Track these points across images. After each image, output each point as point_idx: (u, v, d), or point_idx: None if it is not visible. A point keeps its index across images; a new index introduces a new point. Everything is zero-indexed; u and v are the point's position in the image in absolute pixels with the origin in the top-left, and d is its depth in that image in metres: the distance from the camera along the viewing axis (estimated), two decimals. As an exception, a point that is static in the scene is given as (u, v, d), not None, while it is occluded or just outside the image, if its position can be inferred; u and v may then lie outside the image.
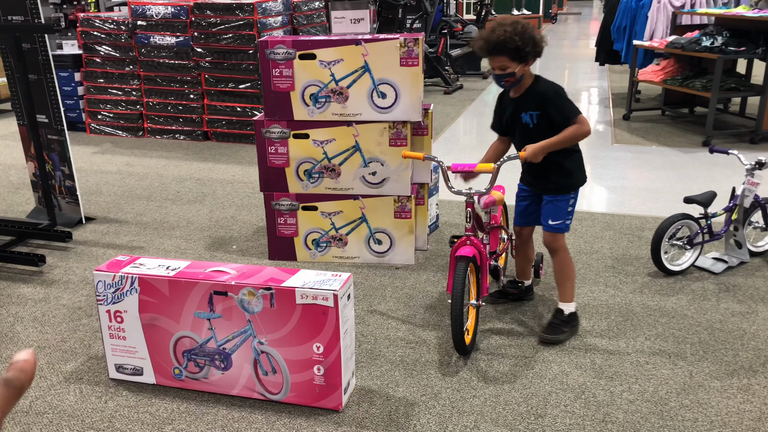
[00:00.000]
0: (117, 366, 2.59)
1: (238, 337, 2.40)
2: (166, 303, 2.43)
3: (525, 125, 2.75)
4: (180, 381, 2.53)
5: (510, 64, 2.62)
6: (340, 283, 2.30)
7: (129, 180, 5.18)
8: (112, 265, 2.51)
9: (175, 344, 2.48)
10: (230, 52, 6.03)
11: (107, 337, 2.55)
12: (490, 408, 2.41)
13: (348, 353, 2.40)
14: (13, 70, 4.08)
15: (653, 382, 2.55)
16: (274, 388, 2.43)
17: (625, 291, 3.27)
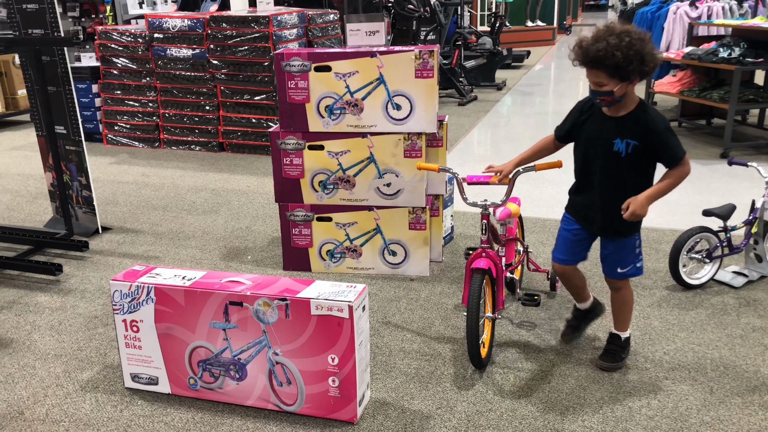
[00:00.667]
0: (132, 375, 2.59)
1: (253, 348, 2.39)
2: (182, 313, 2.43)
3: (616, 153, 2.39)
4: (195, 391, 2.53)
5: (608, 81, 2.27)
6: (355, 295, 2.29)
7: (145, 190, 5.22)
8: (128, 274, 2.52)
9: (191, 354, 2.48)
10: (246, 64, 6.08)
11: (123, 347, 2.56)
12: (507, 422, 2.39)
13: (363, 365, 2.39)
14: (33, 82, 4.14)
15: (672, 398, 2.51)
16: (289, 399, 2.42)
17: (643, 305, 3.23)
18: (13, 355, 2.88)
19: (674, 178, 2.38)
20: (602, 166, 2.46)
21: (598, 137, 2.44)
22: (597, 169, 2.48)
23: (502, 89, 9.97)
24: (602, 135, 2.42)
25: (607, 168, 2.45)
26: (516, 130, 7.20)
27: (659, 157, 2.39)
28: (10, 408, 2.52)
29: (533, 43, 15.68)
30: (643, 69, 2.25)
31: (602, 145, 2.43)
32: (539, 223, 4.35)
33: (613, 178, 2.46)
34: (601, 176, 2.48)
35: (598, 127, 2.44)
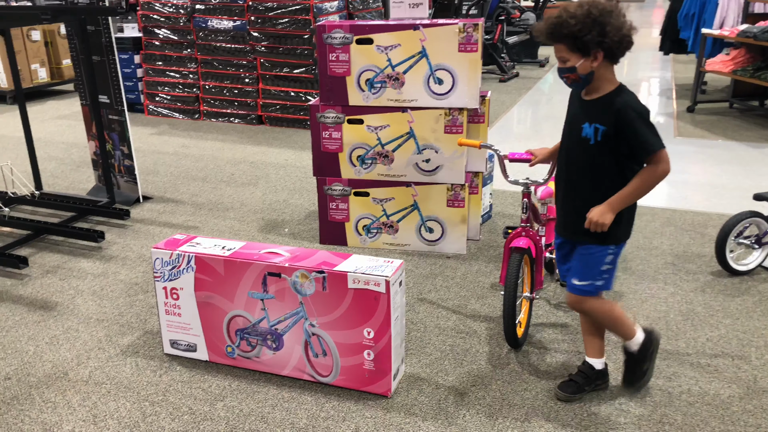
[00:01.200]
0: (172, 342, 2.64)
1: (290, 319, 2.41)
2: (221, 282, 2.46)
3: (583, 140, 2.12)
4: (232, 359, 2.57)
5: (570, 55, 2.04)
6: (392, 270, 2.28)
7: (185, 161, 5.28)
8: (169, 243, 2.56)
9: (229, 323, 2.51)
10: (286, 37, 6.06)
11: (163, 313, 2.60)
12: (542, 402, 2.36)
13: (398, 340, 2.39)
14: (78, 51, 4.19)
15: (714, 385, 2.45)
16: (324, 371, 2.44)
17: (686, 289, 3.15)
18: (57, 318, 2.96)
19: (644, 177, 2.05)
20: (570, 152, 2.18)
21: (571, 122, 2.18)
22: (566, 155, 2.21)
23: (545, 66, 9.75)
24: (575, 119, 2.16)
25: (575, 157, 2.17)
26: (557, 109, 7.05)
27: (631, 149, 2.06)
28: (55, 368, 2.59)
29: (577, 20, 15.22)
30: (603, 41, 1.99)
31: (574, 131, 2.15)
32: (580, 203, 4.26)
33: (580, 170, 2.16)
34: (568, 166, 2.20)
35: (573, 110, 2.19)
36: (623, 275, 3.28)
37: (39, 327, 2.88)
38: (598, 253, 2.18)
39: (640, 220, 3.96)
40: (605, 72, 2.09)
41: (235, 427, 2.25)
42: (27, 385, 2.49)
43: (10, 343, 2.76)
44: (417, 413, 2.31)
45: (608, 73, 2.10)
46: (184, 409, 2.35)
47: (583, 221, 2.12)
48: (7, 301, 3.11)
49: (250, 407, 2.35)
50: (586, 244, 2.19)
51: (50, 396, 2.43)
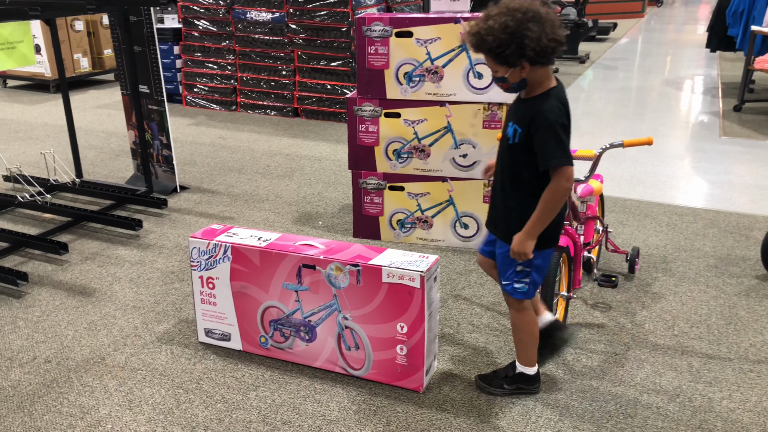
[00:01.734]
0: (206, 330, 2.67)
1: (323, 311, 2.41)
2: (257, 273, 2.47)
3: (506, 138, 2.11)
4: (265, 349, 2.58)
5: (497, 67, 1.99)
6: (428, 265, 2.26)
7: (222, 152, 5.33)
8: (206, 233, 2.58)
9: (263, 313, 2.52)
10: (324, 30, 6.06)
11: (198, 302, 2.63)
12: (576, 402, 2.32)
13: (432, 336, 2.37)
14: (120, 41, 4.26)
15: (757, 392, 2.37)
16: (357, 364, 2.43)
17: (729, 293, 3.06)
18: (96, 303, 3.01)
19: (546, 196, 2.01)
20: (500, 150, 2.17)
21: (506, 120, 2.17)
22: (499, 157, 2.19)
23: (585, 62, 9.59)
24: (507, 116, 2.16)
25: (501, 153, 2.15)
26: (597, 106, 6.92)
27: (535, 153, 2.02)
28: (93, 353, 2.64)
29: (621, 15, 14.98)
30: (524, 53, 1.91)
31: (504, 130, 2.16)
32: (619, 202, 4.18)
33: (504, 168, 2.14)
34: (498, 161, 2.20)
35: (510, 107, 2.17)
36: (663, 276, 3.21)
37: (78, 312, 2.94)
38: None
39: (682, 221, 3.86)
40: (539, 76, 2.02)
41: (267, 417, 2.26)
42: (66, 369, 2.54)
43: (50, 327, 2.82)
44: (449, 409, 2.29)
45: (541, 77, 2.03)
46: (217, 398, 2.36)
47: (503, 218, 2.16)
48: (48, 285, 3.17)
49: (282, 398, 2.36)
50: (504, 243, 2.17)
51: (88, 380, 2.47)
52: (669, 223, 3.84)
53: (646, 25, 14.71)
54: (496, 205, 2.22)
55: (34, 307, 2.98)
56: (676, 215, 3.96)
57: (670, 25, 14.81)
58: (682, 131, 5.97)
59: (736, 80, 7.69)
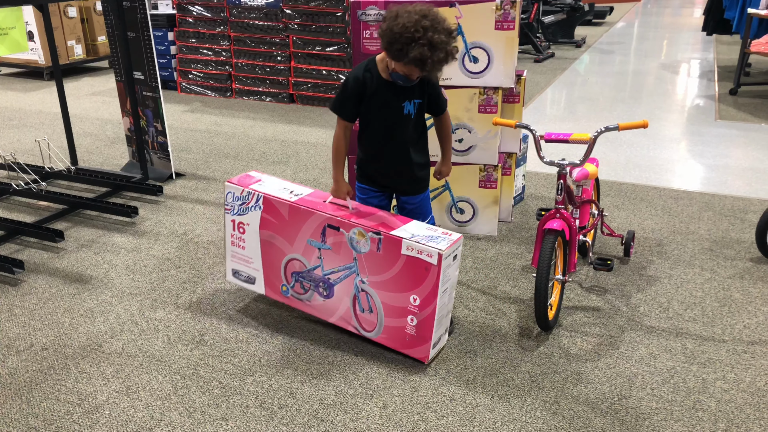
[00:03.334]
0: (234, 271, 2.82)
1: (342, 272, 2.49)
2: (284, 225, 2.57)
3: (406, 116, 2.44)
4: (286, 297, 2.70)
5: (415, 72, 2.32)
6: (448, 243, 2.30)
7: (217, 139, 5.31)
8: (242, 179, 2.71)
9: (286, 264, 2.63)
10: (319, 15, 6.02)
11: (229, 244, 2.78)
12: (571, 385, 2.34)
13: (444, 311, 2.42)
14: (114, 28, 4.22)
15: (751, 372, 2.39)
16: (369, 326, 2.50)
17: (723, 275, 3.07)
18: (92, 291, 3.02)
19: (449, 130, 2.61)
20: (397, 130, 2.46)
21: (387, 105, 2.41)
22: (392, 134, 2.48)
23: (581, 47, 9.55)
24: (391, 101, 2.41)
25: (400, 130, 2.46)
26: (593, 90, 6.91)
27: (432, 108, 2.52)
28: (90, 340, 2.64)
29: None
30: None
31: (394, 111, 2.42)
32: (615, 186, 4.18)
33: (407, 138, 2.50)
34: (396, 140, 2.48)
35: (384, 95, 2.41)
36: (658, 259, 3.22)
37: (74, 300, 2.94)
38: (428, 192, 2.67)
39: (677, 204, 3.87)
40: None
41: (264, 402, 2.28)
42: (63, 356, 2.55)
43: (47, 315, 2.83)
44: (445, 393, 2.31)
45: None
46: (214, 383, 2.38)
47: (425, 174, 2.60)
48: (44, 273, 3.17)
49: (279, 383, 2.37)
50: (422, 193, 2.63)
51: (85, 367, 2.48)
52: (664, 207, 3.85)
53: (643, 9, 14.64)
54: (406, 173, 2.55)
55: (31, 295, 2.98)
56: (671, 199, 3.97)
57: (667, 9, 14.74)
58: (678, 115, 5.97)
59: (732, 63, 7.68)
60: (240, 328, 2.71)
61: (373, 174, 2.59)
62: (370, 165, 2.59)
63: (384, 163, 2.55)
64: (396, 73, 2.33)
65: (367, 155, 2.57)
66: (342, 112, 2.44)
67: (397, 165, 2.54)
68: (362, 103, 2.43)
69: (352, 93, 2.41)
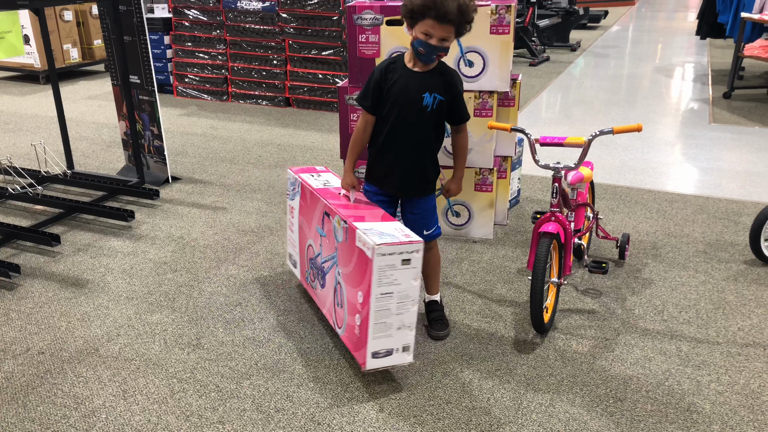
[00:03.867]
0: (289, 254, 3.01)
1: (329, 261, 2.51)
2: (307, 210, 2.69)
3: (424, 108, 2.37)
4: (307, 284, 2.82)
5: (451, 37, 2.27)
6: (392, 240, 2.13)
7: (213, 143, 5.32)
8: (303, 169, 2.87)
9: (307, 249, 2.76)
10: (315, 18, 6.04)
11: (288, 230, 2.97)
12: (567, 388, 2.35)
13: (390, 319, 2.21)
14: (110, 31, 4.23)
15: (745, 375, 2.41)
16: (340, 322, 2.47)
17: (718, 278, 3.09)
18: (88, 295, 3.02)
19: (464, 148, 2.55)
20: (413, 122, 2.40)
21: (407, 94, 2.37)
22: (406, 127, 2.41)
23: (576, 50, 9.60)
24: (413, 90, 2.36)
25: (416, 124, 2.40)
26: (588, 93, 6.94)
27: (453, 115, 2.45)
28: (86, 344, 2.64)
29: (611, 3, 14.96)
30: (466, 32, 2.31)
31: (413, 101, 2.37)
32: (610, 189, 4.20)
33: (421, 135, 2.44)
34: (410, 134, 2.43)
35: (405, 83, 2.37)
36: (653, 262, 3.24)
37: (71, 303, 2.95)
38: (433, 200, 2.62)
39: (671, 207, 3.90)
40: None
41: (260, 405, 2.28)
42: (60, 360, 2.55)
43: (43, 319, 2.83)
44: (441, 396, 2.32)
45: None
46: (211, 387, 2.38)
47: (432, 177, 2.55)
48: (41, 277, 3.17)
49: (276, 386, 2.38)
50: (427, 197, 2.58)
51: (82, 371, 2.48)
52: (659, 210, 3.87)
53: (637, 13, 14.71)
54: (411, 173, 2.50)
55: (27, 299, 2.98)
56: (666, 201, 3.99)
57: (661, 13, 14.82)
58: (673, 118, 6.00)
59: (725, 67, 7.72)
60: (237, 331, 2.71)
61: (379, 172, 2.54)
62: (379, 160, 2.52)
63: (393, 158, 2.47)
64: (418, 41, 2.26)
65: (378, 148, 2.50)
66: (364, 104, 2.46)
67: (406, 161, 2.47)
68: (383, 91, 2.39)
69: (374, 82, 2.41)
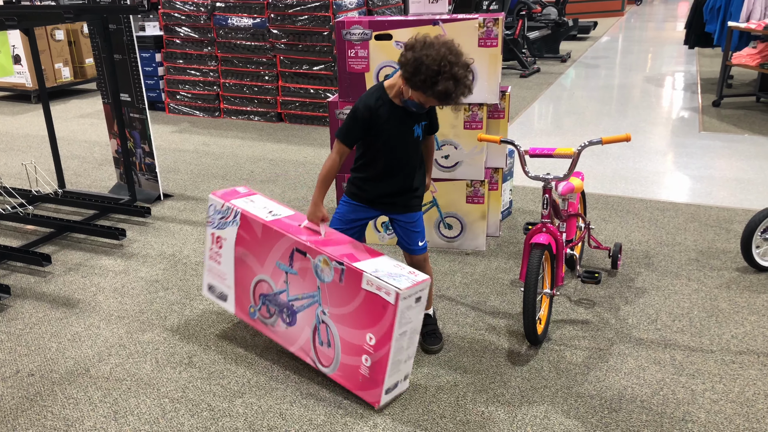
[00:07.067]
0: (209, 285, 2.80)
1: (306, 299, 2.43)
2: (257, 244, 2.54)
3: (416, 138, 2.48)
4: (252, 320, 2.66)
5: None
6: (411, 283, 2.18)
7: (205, 159, 5.31)
8: (227, 193, 2.71)
9: (256, 285, 2.60)
10: (305, 34, 6.06)
11: (207, 258, 2.76)
12: (562, 399, 2.33)
13: (402, 355, 2.28)
14: (100, 49, 4.24)
15: (739, 383, 2.40)
16: (326, 361, 2.43)
17: (710, 286, 3.09)
18: (79, 315, 2.99)
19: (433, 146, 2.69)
20: (406, 152, 2.49)
21: (399, 130, 2.43)
22: (402, 156, 2.49)
23: (567, 61, 9.66)
24: (403, 126, 2.43)
25: (409, 152, 2.49)
26: (579, 104, 6.97)
27: (430, 128, 2.56)
28: (77, 365, 2.62)
29: (601, 14, 15.10)
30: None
31: (405, 134, 2.44)
32: (602, 199, 4.21)
33: (414, 160, 2.53)
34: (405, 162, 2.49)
35: (397, 120, 2.41)
36: (645, 271, 3.24)
37: (61, 324, 2.92)
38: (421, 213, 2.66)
39: (663, 216, 3.90)
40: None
41: (253, 424, 2.26)
42: (50, 382, 2.52)
43: (33, 340, 2.80)
44: (435, 410, 2.30)
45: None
46: (203, 406, 2.36)
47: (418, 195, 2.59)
48: (31, 298, 3.15)
49: (268, 404, 2.36)
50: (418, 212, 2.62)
51: (72, 392, 2.45)
52: (651, 219, 3.88)
53: (626, 23, 14.84)
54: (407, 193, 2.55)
55: (17, 320, 2.96)
56: (657, 210, 4.00)
57: (650, 23, 14.95)
58: (663, 127, 6.03)
59: (714, 76, 7.78)
60: (229, 349, 2.69)
61: (371, 195, 2.54)
62: (370, 187, 2.53)
63: (389, 185, 2.51)
64: (411, 101, 2.30)
65: (370, 177, 2.52)
66: (346, 140, 2.42)
67: (402, 186, 2.52)
68: (371, 130, 2.39)
69: (362, 121, 2.38)
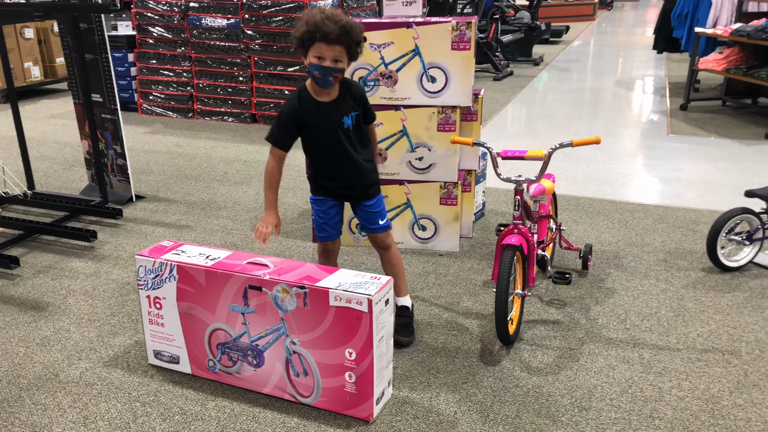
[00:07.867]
0: (155, 352, 2.57)
1: (271, 335, 2.31)
2: (203, 293, 2.37)
3: (347, 129, 2.52)
4: (214, 373, 2.48)
5: (344, 57, 2.34)
6: (377, 287, 2.16)
7: (178, 160, 5.27)
8: (154, 250, 2.47)
9: (210, 336, 2.43)
10: (280, 35, 6.05)
11: (147, 323, 2.53)
12: (533, 399, 2.37)
13: (383, 361, 2.26)
14: (71, 49, 4.18)
15: (705, 380, 2.46)
16: (306, 391, 2.33)
17: (677, 286, 3.16)
18: (49, 318, 2.95)
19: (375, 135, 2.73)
20: (341, 142, 2.53)
21: (328, 123, 2.49)
22: (337, 147, 2.54)
23: (539, 65, 9.77)
24: (331, 120, 2.49)
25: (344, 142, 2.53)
26: (552, 107, 7.06)
27: (365, 117, 2.59)
28: (45, 370, 2.58)
29: (573, 18, 15.30)
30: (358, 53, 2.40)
31: (335, 126, 2.50)
32: (573, 200, 4.27)
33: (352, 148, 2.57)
34: (342, 152, 2.55)
35: (322, 115, 2.48)
36: (615, 272, 3.29)
37: (30, 328, 2.88)
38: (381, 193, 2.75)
39: (633, 217, 3.97)
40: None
41: (226, 427, 2.25)
42: (17, 387, 2.48)
43: (0, 345, 2.76)
44: (408, 411, 2.31)
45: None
46: (175, 410, 2.34)
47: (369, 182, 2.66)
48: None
49: (241, 407, 2.35)
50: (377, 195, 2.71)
51: (40, 398, 2.42)
52: (621, 220, 3.95)
53: (598, 28, 15.06)
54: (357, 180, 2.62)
55: (-16, 324, 2.91)
56: (627, 212, 4.07)
57: (620, 28, 15.19)
58: (633, 130, 6.14)
59: (682, 80, 7.93)
60: (202, 351, 2.68)
61: (328, 186, 2.65)
62: (324, 180, 2.65)
63: (337, 176, 2.61)
64: (312, 65, 2.35)
65: (320, 171, 2.64)
66: (278, 143, 2.49)
67: (349, 175, 2.61)
68: (302, 129, 2.49)
69: (289, 123, 2.47)
